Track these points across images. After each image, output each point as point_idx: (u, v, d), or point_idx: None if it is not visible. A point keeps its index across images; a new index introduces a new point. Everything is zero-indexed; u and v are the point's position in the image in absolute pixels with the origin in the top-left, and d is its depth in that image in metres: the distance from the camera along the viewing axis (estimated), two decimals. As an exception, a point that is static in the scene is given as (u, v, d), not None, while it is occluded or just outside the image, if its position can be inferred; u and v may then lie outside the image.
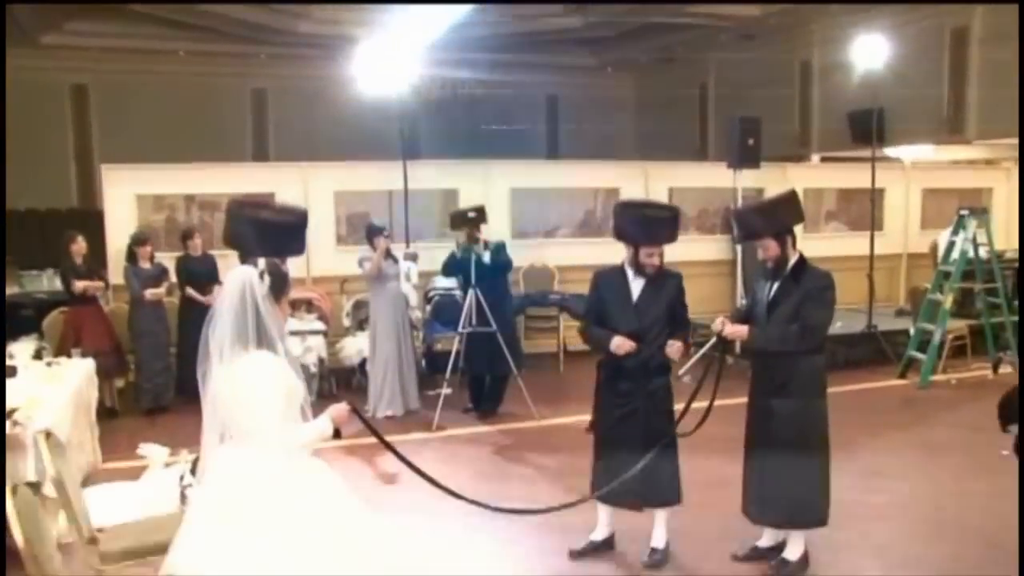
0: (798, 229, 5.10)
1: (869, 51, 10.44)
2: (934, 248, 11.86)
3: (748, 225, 4.94)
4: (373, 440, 3.67)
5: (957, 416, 8.21)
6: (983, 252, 9.51)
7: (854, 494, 5.68)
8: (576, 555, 5.11)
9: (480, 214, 8.03)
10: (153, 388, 8.37)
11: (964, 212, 9.49)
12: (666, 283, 4.96)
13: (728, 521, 5.19)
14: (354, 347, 9.07)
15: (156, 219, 9.72)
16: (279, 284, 3.30)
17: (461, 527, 5.44)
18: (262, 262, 3.29)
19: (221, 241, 9.44)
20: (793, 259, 4.76)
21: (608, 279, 5.04)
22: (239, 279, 3.21)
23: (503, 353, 7.90)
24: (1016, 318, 9.78)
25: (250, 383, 3.15)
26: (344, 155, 12.07)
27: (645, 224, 4.91)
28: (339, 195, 9.82)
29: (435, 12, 14.22)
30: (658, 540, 5.07)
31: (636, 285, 4.92)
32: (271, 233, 3.95)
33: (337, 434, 3.33)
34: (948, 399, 8.83)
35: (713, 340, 5.03)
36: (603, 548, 5.17)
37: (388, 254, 8.00)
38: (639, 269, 4.91)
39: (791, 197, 4.94)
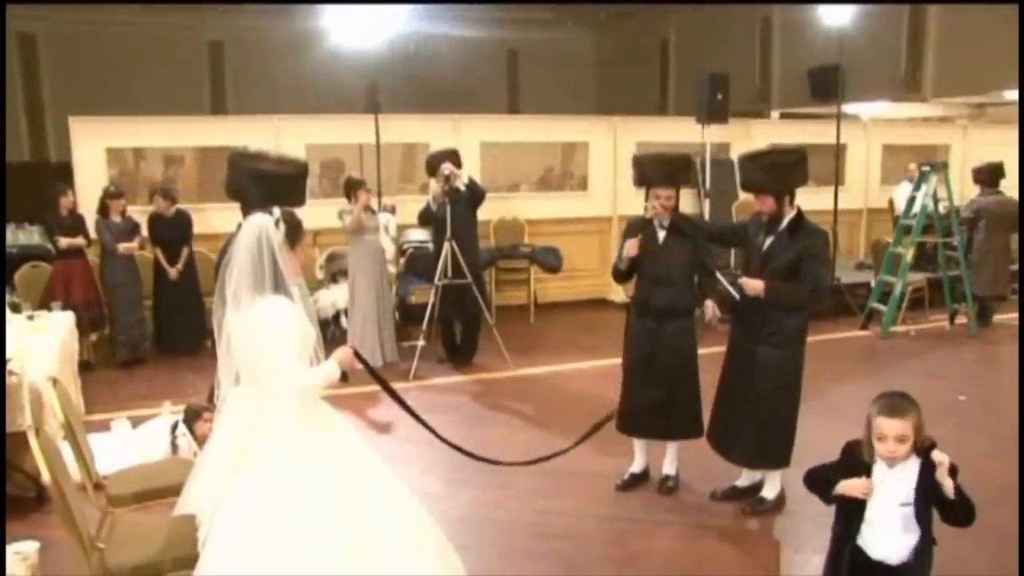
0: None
1: (829, 9, 10.56)
2: (892, 203, 12.20)
3: (752, 179, 5.00)
4: (359, 390, 3.74)
5: (916, 364, 8.55)
6: (942, 207, 9.78)
7: (823, 437, 5.83)
8: (620, 487, 5.41)
9: (454, 158, 8.07)
10: (128, 340, 8.37)
11: (925, 167, 9.72)
12: (690, 228, 5.23)
13: (706, 463, 5.41)
14: (328, 299, 9.09)
15: (109, 173, 9.58)
16: (294, 232, 3.35)
17: (450, 471, 5.61)
18: (277, 210, 3.33)
19: (187, 194, 9.56)
20: (791, 214, 4.88)
21: (638, 226, 5.28)
22: (255, 227, 3.24)
23: (472, 297, 8.02)
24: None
25: (267, 326, 3.18)
26: (304, 108, 11.99)
27: (654, 165, 5.24)
28: (310, 148, 9.77)
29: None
30: (669, 467, 5.44)
31: (662, 232, 5.19)
32: (272, 184, 3.99)
33: (344, 378, 3.42)
34: (908, 348, 9.17)
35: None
36: (641, 480, 5.46)
37: (368, 207, 8.03)
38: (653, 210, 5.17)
39: (802, 159, 4.97)
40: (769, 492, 5.18)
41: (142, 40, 17.91)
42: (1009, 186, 11.29)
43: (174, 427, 5.57)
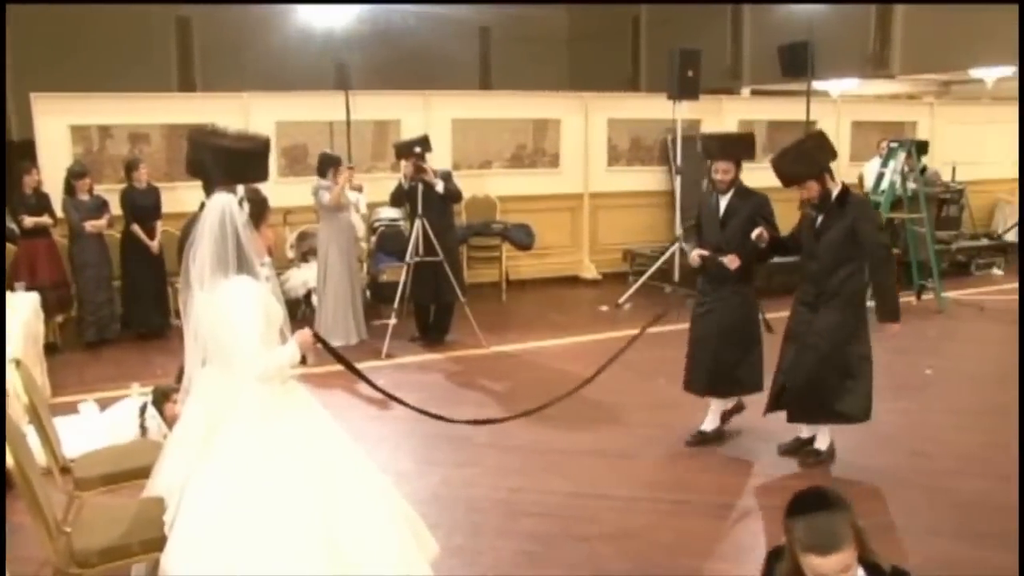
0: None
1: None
2: (861, 179, 12.27)
3: (790, 173, 5.14)
4: (327, 369, 3.70)
5: (883, 339, 8.62)
6: (910, 183, 9.85)
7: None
8: (689, 444, 5.71)
9: (425, 144, 8.04)
10: (96, 321, 8.28)
11: (893, 144, 9.78)
12: (750, 201, 5.55)
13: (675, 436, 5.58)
14: (299, 279, 9.04)
15: (74, 151, 9.42)
16: (259, 210, 3.30)
17: (421, 449, 5.62)
18: (241, 189, 3.28)
19: (154, 173, 9.43)
20: (836, 190, 5.10)
21: (707, 198, 5.80)
22: (219, 206, 3.19)
23: (448, 282, 7.98)
24: (939, 247, 10.26)
25: (231, 307, 3.15)
26: (274, 85, 11.84)
27: (714, 140, 5.83)
28: (280, 126, 9.67)
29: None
30: (707, 424, 5.80)
31: (724, 202, 5.58)
32: (233, 160, 3.91)
33: (304, 360, 3.40)
34: (874, 323, 9.22)
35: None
36: (712, 438, 5.76)
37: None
38: (713, 183, 5.64)
39: (823, 140, 5.29)
40: (822, 443, 5.44)
41: (107, 14, 17.57)
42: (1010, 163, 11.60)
43: (143, 409, 5.51)
